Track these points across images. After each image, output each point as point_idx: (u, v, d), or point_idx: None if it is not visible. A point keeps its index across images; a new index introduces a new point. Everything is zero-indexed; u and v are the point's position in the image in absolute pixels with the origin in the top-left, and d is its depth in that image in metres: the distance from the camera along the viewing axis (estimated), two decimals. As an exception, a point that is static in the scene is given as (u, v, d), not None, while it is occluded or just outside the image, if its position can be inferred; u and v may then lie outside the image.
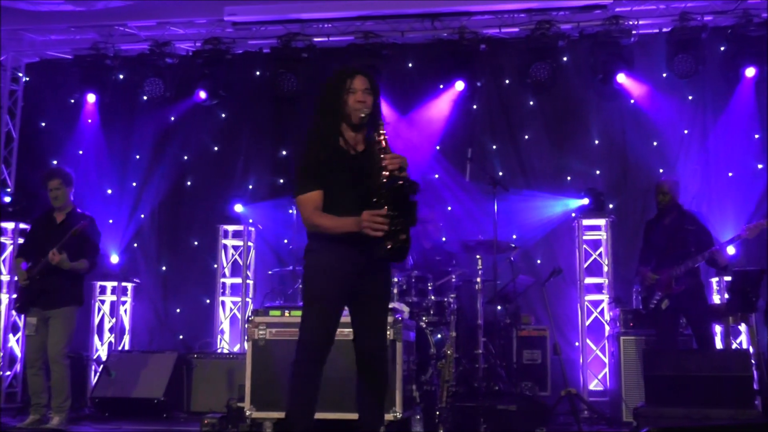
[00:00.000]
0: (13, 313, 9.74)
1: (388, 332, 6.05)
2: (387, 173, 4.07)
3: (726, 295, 8.16)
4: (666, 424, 5.92)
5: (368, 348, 4.37)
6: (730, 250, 7.83)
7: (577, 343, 8.90)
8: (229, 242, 9.79)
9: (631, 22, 9.27)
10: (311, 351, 4.23)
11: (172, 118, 10.28)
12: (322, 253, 4.29)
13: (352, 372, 4.47)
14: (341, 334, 4.32)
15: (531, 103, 9.79)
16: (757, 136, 9.15)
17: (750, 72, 8.92)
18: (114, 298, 9.83)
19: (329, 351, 4.27)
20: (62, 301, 6.85)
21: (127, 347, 9.73)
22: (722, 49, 9.30)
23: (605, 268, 8.94)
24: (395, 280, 7.20)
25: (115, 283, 9.81)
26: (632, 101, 9.45)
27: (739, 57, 9.00)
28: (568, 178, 9.52)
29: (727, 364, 6.31)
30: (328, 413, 5.74)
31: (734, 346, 8.03)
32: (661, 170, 9.16)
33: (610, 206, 9.26)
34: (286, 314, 6.45)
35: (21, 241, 9.77)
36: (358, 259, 4.24)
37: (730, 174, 9.14)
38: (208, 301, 9.81)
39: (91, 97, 10.16)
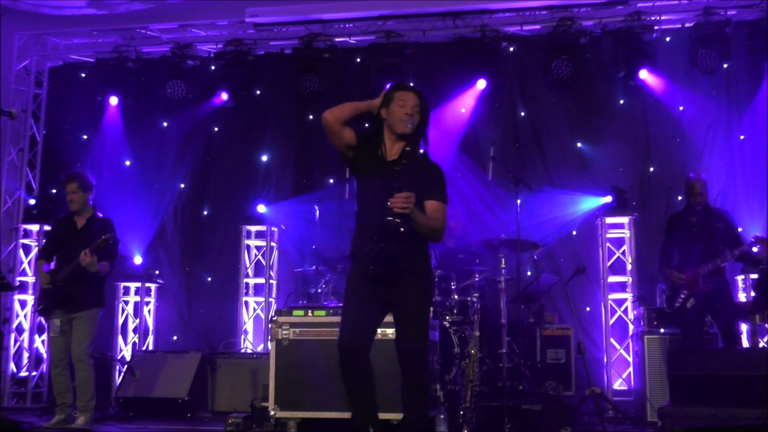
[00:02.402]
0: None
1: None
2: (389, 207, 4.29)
3: (752, 293, 8.07)
4: (692, 424, 5.87)
5: (404, 349, 4.51)
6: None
7: (601, 342, 8.85)
8: (252, 242, 9.82)
9: (653, 18, 9.19)
10: (343, 352, 4.46)
11: (195, 120, 10.32)
12: (355, 255, 4.56)
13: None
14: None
15: (553, 100, 9.73)
16: (782, 132, 9.04)
17: (775, 67, 8.81)
18: (138, 298, 9.89)
19: (366, 351, 4.48)
20: (86, 305, 6.92)
21: (151, 347, 9.79)
22: (747, 43, 9.19)
23: (629, 267, 8.87)
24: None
25: (138, 284, 9.87)
26: (655, 97, 9.37)
27: (764, 52, 8.88)
28: (591, 175, 9.45)
29: (754, 362, 6.20)
30: (335, 413, 5.76)
31: (761, 344, 7.94)
32: (684, 167, 9.07)
33: (634, 204, 9.19)
34: (310, 314, 6.46)
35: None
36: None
37: (756, 170, 9.03)
38: (231, 301, 9.84)
39: (113, 100, 10.22)
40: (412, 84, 9.67)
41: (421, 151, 4.65)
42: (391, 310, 4.56)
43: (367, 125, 4.98)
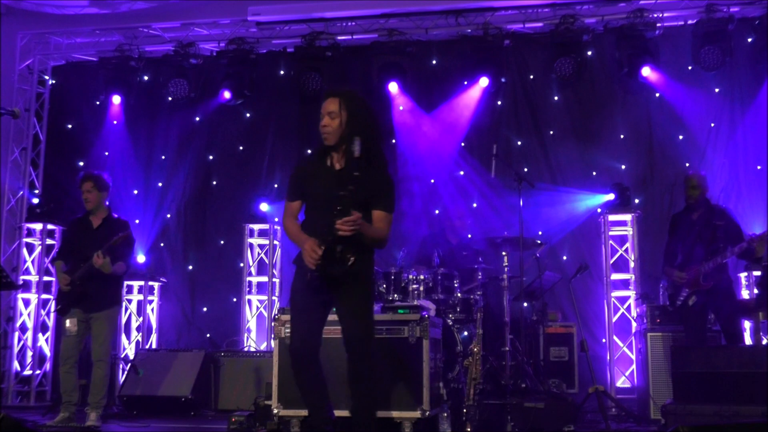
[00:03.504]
0: (43, 312, 9.89)
1: (414, 329, 6.08)
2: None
3: (755, 291, 8.06)
4: (695, 422, 5.86)
5: (347, 341, 4.63)
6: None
7: (604, 340, 8.85)
8: (255, 241, 9.82)
9: (655, 15, 9.19)
10: (294, 356, 4.61)
11: (197, 119, 10.34)
12: (298, 265, 4.67)
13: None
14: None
15: (556, 98, 9.74)
16: (786, 129, 9.03)
17: (779, 63, 8.81)
18: (141, 297, 9.91)
19: (316, 352, 4.62)
20: (104, 304, 6.99)
21: (154, 346, 9.81)
22: (749, 40, 9.19)
23: (631, 264, 8.86)
24: (421, 277, 7.18)
25: (141, 283, 9.89)
26: (658, 95, 9.37)
27: (767, 48, 8.87)
28: (594, 173, 9.45)
29: (757, 360, 6.18)
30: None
31: (764, 341, 7.93)
32: (687, 164, 9.06)
33: (636, 201, 9.18)
34: (312, 312, 6.44)
35: (49, 242, 9.93)
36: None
37: (759, 167, 9.02)
38: (234, 299, 9.86)
39: (116, 99, 10.24)
40: (414, 82, 9.74)
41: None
42: (336, 309, 4.68)
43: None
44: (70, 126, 10.73)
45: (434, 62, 10.01)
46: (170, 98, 10.10)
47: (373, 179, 4.58)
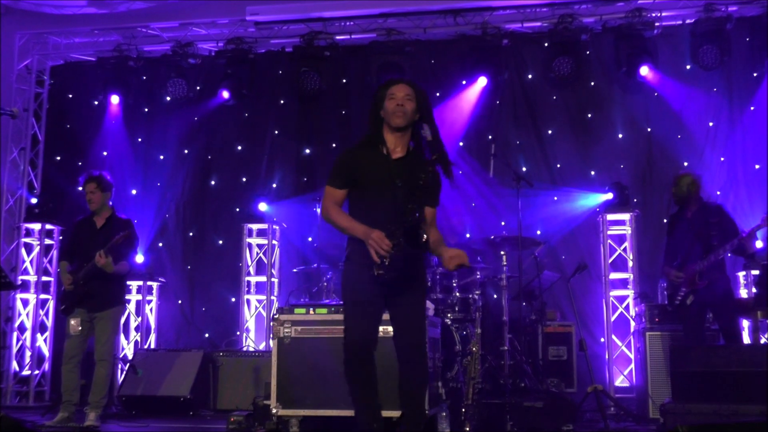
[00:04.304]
0: (41, 312, 9.88)
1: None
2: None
3: (754, 289, 8.07)
4: (693, 421, 5.86)
5: (405, 345, 4.49)
6: (758, 243, 7.73)
7: (602, 339, 8.86)
8: (254, 240, 9.82)
9: (654, 14, 9.20)
10: (353, 351, 4.38)
11: (196, 118, 10.33)
12: (357, 257, 4.42)
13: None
14: (384, 331, 4.51)
15: (554, 97, 9.74)
16: (784, 128, 9.04)
17: (776, 63, 8.82)
18: (140, 297, 9.90)
19: (374, 349, 4.42)
20: (108, 304, 7.02)
21: (153, 346, 9.81)
22: (747, 39, 9.19)
23: (630, 263, 8.86)
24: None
25: (140, 282, 9.88)
26: (656, 94, 9.37)
27: (764, 48, 8.89)
28: (593, 172, 9.46)
29: (756, 359, 6.18)
30: (334, 411, 5.73)
31: (762, 340, 7.94)
32: (686, 163, 9.07)
33: (635, 200, 9.19)
34: (311, 312, 6.46)
35: (47, 242, 9.93)
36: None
37: (757, 166, 9.02)
38: (233, 299, 9.87)
39: (114, 99, 10.25)
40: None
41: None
42: (389, 308, 4.53)
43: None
44: (68, 126, 10.73)
45: (432, 62, 10.01)
46: (169, 98, 10.10)
47: (434, 171, 4.53)
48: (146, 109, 10.51)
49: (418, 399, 4.55)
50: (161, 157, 10.40)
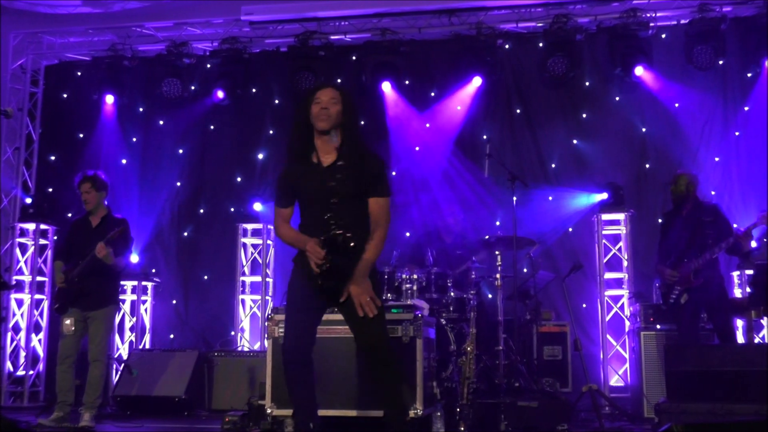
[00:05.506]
0: (36, 312, 9.86)
1: (407, 329, 6.08)
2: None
3: (748, 289, 8.09)
4: (688, 420, 5.86)
5: (366, 346, 4.49)
6: (752, 243, 7.74)
7: (597, 339, 8.86)
8: (249, 240, 9.82)
9: (648, 14, 9.21)
10: (288, 354, 4.49)
11: (191, 118, 10.31)
12: (299, 265, 4.54)
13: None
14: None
15: (549, 97, 9.74)
16: (778, 127, 9.05)
17: (771, 63, 8.83)
18: (134, 297, 9.89)
19: (309, 352, 4.49)
20: (101, 303, 7.01)
21: (148, 346, 9.80)
22: (742, 40, 9.20)
23: (625, 263, 8.88)
24: (415, 276, 7.19)
25: (135, 282, 9.86)
26: (651, 94, 9.38)
27: (760, 48, 8.91)
28: (587, 172, 9.46)
29: (750, 358, 6.20)
30: (329, 410, 5.70)
31: (756, 340, 7.95)
32: (681, 163, 9.08)
33: (630, 200, 9.19)
34: (306, 312, 6.44)
35: (42, 242, 9.91)
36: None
37: (752, 166, 9.04)
38: (228, 299, 9.85)
39: (109, 98, 10.23)
40: (407, 82, 9.76)
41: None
42: (342, 313, 4.55)
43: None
44: (63, 126, 10.70)
45: (427, 62, 10.01)
46: (164, 98, 10.08)
47: (365, 168, 4.53)
48: (141, 109, 10.51)
49: (391, 397, 4.55)
50: (156, 156, 10.38)
